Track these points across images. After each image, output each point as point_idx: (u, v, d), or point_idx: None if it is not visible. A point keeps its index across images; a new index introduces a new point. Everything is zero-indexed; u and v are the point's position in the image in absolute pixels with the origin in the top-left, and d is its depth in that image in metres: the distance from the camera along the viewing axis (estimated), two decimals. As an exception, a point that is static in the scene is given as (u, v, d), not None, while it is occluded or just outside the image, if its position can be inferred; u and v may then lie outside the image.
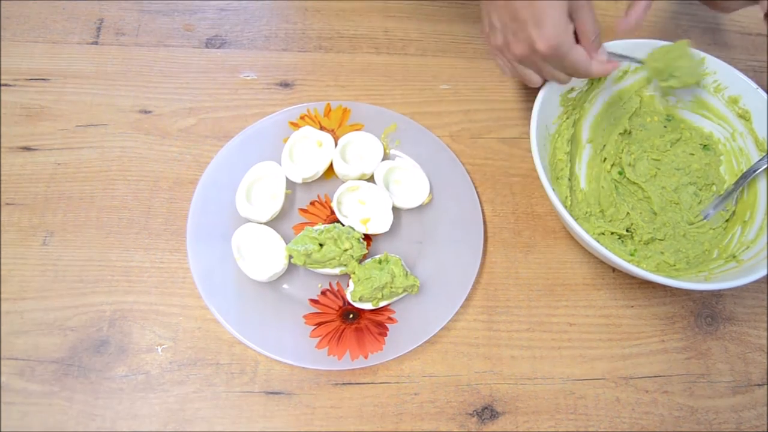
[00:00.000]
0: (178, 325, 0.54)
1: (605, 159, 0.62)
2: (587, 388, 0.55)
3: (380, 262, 0.54)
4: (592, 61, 0.52)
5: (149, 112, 0.64)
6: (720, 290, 0.61)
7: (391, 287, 0.53)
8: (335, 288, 0.57)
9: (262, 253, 0.55)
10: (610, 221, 0.59)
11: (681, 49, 0.58)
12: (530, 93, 0.70)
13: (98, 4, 0.71)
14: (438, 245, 0.59)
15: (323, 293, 0.56)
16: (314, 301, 0.56)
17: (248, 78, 0.68)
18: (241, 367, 0.53)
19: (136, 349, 0.53)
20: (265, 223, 0.57)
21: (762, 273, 0.50)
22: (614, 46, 0.58)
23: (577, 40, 0.52)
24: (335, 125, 0.65)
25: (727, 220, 0.59)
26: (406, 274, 0.54)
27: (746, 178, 0.59)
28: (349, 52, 0.71)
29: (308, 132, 0.61)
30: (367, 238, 0.59)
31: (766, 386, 0.56)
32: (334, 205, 0.58)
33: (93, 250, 0.57)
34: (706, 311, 0.60)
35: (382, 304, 0.54)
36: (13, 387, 0.50)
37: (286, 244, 0.55)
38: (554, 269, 0.60)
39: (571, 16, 0.50)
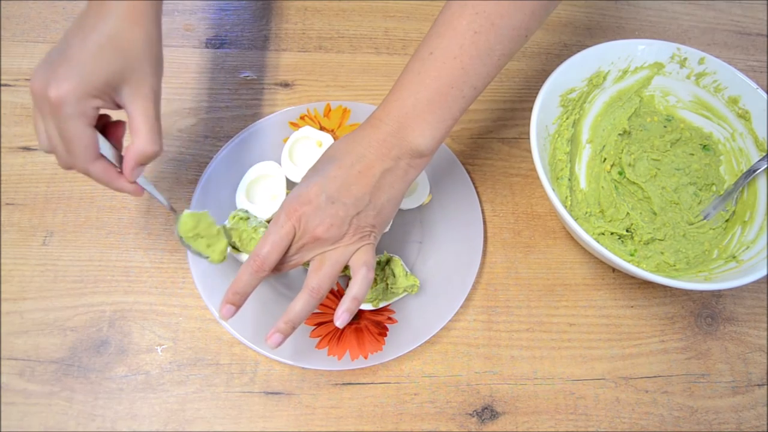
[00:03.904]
0: (178, 325, 0.54)
1: (605, 159, 0.62)
2: (587, 388, 0.55)
3: (380, 262, 0.54)
4: (100, 164, 0.43)
5: (149, 112, 0.64)
6: (720, 290, 0.61)
7: (392, 287, 0.53)
8: (335, 288, 0.57)
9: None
10: (610, 221, 0.59)
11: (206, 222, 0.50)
12: (530, 93, 0.70)
13: (98, 4, 0.71)
14: (438, 245, 0.59)
15: (323, 293, 0.56)
16: (314, 301, 0.56)
17: (248, 78, 0.68)
18: (241, 367, 0.53)
19: (136, 349, 0.53)
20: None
21: (762, 273, 0.50)
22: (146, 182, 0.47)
23: None
24: (335, 125, 0.64)
25: (727, 220, 0.59)
26: (406, 274, 0.54)
27: (746, 179, 0.59)
28: (349, 52, 0.71)
29: (308, 132, 0.61)
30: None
31: (766, 386, 0.56)
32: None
33: (93, 250, 0.57)
34: (706, 311, 0.60)
35: (382, 304, 0.54)
36: (13, 387, 0.50)
37: None
38: (554, 269, 0.60)
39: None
